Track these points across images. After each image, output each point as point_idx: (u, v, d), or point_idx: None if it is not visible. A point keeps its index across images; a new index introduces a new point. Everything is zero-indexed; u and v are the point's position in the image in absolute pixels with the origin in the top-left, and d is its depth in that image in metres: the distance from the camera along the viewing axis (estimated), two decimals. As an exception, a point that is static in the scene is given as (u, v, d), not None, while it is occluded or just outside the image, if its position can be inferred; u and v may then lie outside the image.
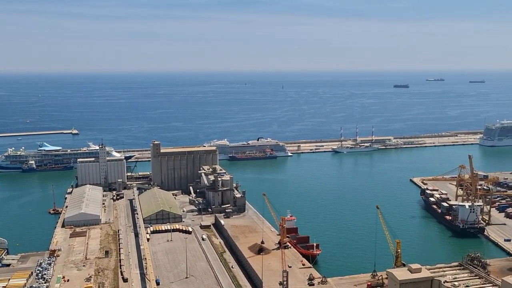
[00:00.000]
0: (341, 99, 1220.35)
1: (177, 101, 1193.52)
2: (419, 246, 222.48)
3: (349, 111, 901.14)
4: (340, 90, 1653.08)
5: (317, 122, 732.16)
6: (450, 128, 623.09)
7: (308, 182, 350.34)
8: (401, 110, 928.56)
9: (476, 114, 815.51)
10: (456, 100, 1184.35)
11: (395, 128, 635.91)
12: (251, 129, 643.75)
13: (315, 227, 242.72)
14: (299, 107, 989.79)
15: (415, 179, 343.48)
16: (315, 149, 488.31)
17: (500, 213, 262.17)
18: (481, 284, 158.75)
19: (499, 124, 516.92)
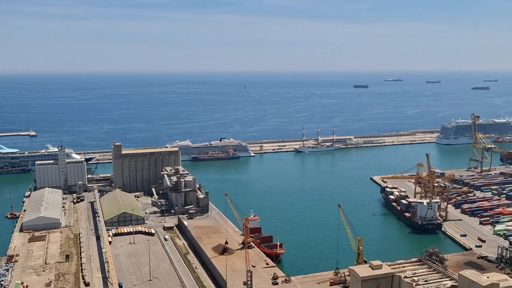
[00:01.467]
0: (303, 99, 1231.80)
1: (138, 101, 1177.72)
2: (380, 243, 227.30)
3: (311, 111, 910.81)
4: (301, 90, 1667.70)
5: (279, 122, 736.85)
6: (408, 127, 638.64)
7: (271, 182, 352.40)
8: (361, 109, 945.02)
9: (433, 114, 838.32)
10: (414, 99, 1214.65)
11: (356, 128, 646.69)
12: (213, 129, 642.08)
13: (278, 227, 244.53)
14: (262, 108, 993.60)
15: (375, 177, 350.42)
16: (278, 149, 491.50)
17: (456, 209, 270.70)
18: (439, 278, 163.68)
19: (454, 123, 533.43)
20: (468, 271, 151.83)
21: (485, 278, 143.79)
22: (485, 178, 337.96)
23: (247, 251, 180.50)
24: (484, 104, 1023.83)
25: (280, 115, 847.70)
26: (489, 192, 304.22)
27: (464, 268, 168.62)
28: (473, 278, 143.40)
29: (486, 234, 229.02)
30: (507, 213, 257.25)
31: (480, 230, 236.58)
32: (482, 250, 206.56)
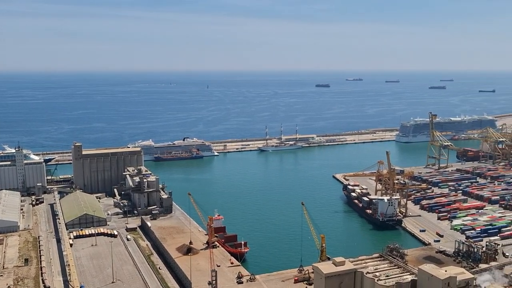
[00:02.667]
0: (266, 99, 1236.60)
1: (99, 101, 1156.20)
2: (343, 240, 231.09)
3: (274, 110, 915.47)
4: (264, 89, 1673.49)
5: (242, 121, 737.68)
6: (369, 126, 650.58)
7: (235, 181, 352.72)
8: (323, 108, 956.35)
9: (393, 112, 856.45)
10: (374, 99, 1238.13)
11: (318, 127, 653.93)
12: (176, 129, 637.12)
13: (242, 226, 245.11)
14: (225, 107, 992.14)
15: (337, 175, 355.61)
16: (241, 148, 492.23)
17: (416, 205, 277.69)
18: (399, 273, 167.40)
19: (413, 122, 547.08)
20: (427, 265, 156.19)
21: (443, 271, 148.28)
22: (443, 175, 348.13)
23: (212, 250, 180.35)
24: (441, 103, 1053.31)
25: (243, 114, 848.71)
26: (446, 188, 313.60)
27: (424, 263, 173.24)
28: (432, 272, 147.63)
29: (443, 229, 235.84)
30: (463, 209, 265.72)
31: (438, 225, 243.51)
32: (440, 245, 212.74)
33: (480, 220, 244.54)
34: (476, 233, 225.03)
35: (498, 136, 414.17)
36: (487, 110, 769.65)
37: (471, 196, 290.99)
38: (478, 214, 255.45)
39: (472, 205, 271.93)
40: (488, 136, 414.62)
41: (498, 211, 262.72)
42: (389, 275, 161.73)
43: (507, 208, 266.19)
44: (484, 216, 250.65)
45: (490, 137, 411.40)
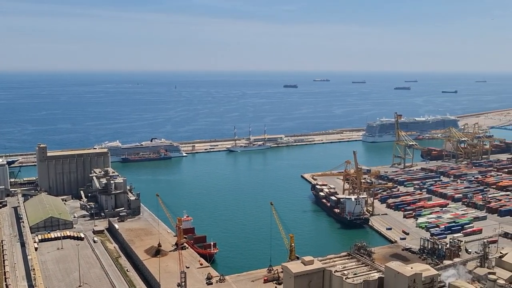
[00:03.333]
0: (234, 99, 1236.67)
1: (64, 101, 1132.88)
2: (311, 239, 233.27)
3: (242, 111, 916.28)
4: (233, 90, 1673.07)
5: (211, 122, 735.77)
6: (336, 126, 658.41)
7: (203, 182, 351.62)
8: (291, 109, 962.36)
9: (359, 113, 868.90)
10: (341, 99, 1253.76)
11: (286, 127, 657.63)
12: (144, 130, 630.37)
13: (212, 226, 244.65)
14: (193, 107, 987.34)
15: (305, 175, 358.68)
16: (210, 148, 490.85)
17: (382, 204, 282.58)
18: (367, 271, 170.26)
19: (379, 122, 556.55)
20: (394, 263, 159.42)
21: (409, 268, 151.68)
22: (408, 174, 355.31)
23: (181, 252, 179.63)
24: (406, 103, 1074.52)
25: (212, 114, 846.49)
26: (412, 187, 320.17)
27: (390, 260, 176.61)
28: (398, 269, 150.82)
29: (409, 227, 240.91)
30: (428, 207, 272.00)
31: (404, 223, 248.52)
32: (406, 242, 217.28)
33: (444, 217, 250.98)
34: (440, 230, 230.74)
35: (460, 136, 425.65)
36: (450, 110, 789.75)
37: (435, 194, 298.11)
38: (442, 212, 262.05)
39: (436, 203, 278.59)
40: (451, 136, 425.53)
41: (461, 208, 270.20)
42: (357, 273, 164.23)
43: (469, 206, 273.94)
44: (448, 214, 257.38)
45: (453, 136, 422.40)
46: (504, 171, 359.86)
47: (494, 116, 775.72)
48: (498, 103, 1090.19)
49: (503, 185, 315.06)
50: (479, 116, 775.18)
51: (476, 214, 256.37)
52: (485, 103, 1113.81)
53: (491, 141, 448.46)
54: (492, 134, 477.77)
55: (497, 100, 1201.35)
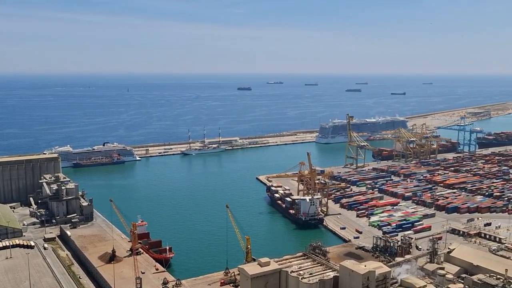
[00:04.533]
0: (188, 102, 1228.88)
1: (11, 105, 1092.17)
2: (267, 240, 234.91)
3: (196, 114, 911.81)
4: (186, 92, 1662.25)
5: (165, 125, 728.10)
6: (290, 128, 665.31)
7: (158, 186, 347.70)
8: (245, 111, 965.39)
9: (312, 114, 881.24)
10: (294, 101, 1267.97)
11: (241, 129, 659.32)
12: (96, 134, 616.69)
13: (167, 231, 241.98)
14: (146, 110, 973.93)
15: (261, 177, 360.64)
16: (164, 152, 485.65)
17: (336, 204, 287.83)
18: (322, 270, 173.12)
19: (331, 123, 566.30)
20: (348, 261, 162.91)
21: (363, 266, 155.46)
22: (360, 174, 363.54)
23: (136, 257, 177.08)
24: (357, 105, 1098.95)
25: (165, 118, 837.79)
26: (364, 186, 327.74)
27: (345, 259, 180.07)
28: (353, 267, 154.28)
29: (362, 226, 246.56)
30: (379, 206, 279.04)
31: (357, 222, 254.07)
32: (360, 241, 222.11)
33: (395, 216, 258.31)
34: (392, 228, 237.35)
35: (409, 136, 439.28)
36: (399, 111, 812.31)
37: (387, 194, 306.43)
38: (393, 210, 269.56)
39: (387, 202, 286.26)
40: (400, 136, 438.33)
41: (411, 206, 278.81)
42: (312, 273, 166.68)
43: (418, 204, 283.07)
44: (399, 212, 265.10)
45: (402, 137, 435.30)
46: (450, 170, 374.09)
47: (440, 117, 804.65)
48: (444, 104, 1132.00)
49: (449, 183, 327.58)
50: (427, 117, 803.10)
51: (425, 212, 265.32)
52: (432, 104, 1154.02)
53: (438, 141, 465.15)
54: (439, 134, 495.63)
55: (443, 102, 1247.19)
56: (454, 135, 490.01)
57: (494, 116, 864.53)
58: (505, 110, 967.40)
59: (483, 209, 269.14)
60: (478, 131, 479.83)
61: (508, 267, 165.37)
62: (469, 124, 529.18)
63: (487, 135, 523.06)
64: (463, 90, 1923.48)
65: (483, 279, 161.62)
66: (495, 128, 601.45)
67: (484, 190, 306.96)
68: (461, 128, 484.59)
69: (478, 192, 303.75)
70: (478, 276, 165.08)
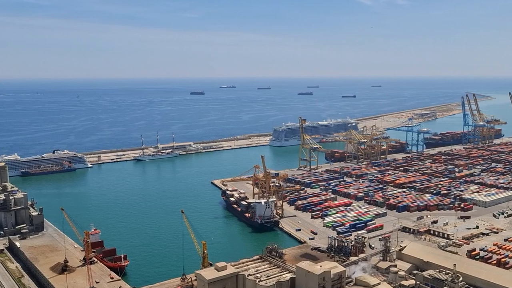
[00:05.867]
0: (140, 107, 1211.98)
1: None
2: (224, 245, 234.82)
3: (149, 119, 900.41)
4: (138, 98, 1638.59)
5: (117, 131, 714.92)
6: (244, 132, 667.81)
7: (111, 193, 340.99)
8: (199, 116, 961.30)
9: (266, 118, 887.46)
10: (248, 105, 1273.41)
11: (195, 134, 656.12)
12: (45, 141, 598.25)
13: (122, 238, 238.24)
14: (97, 116, 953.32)
15: (215, 181, 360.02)
16: (117, 158, 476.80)
17: (291, 206, 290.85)
18: (279, 272, 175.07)
19: (285, 126, 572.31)
20: (304, 263, 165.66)
21: (319, 267, 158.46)
22: (314, 176, 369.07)
23: (89, 267, 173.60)
24: (309, 108, 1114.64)
25: (117, 123, 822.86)
26: (318, 188, 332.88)
27: (301, 260, 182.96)
28: (308, 268, 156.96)
29: (317, 227, 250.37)
30: (333, 206, 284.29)
31: (312, 223, 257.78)
32: (315, 242, 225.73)
33: (349, 216, 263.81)
34: (346, 228, 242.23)
35: (360, 138, 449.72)
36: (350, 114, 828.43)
37: (340, 194, 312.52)
38: (346, 211, 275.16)
39: (341, 203, 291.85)
40: (351, 138, 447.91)
41: (363, 206, 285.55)
42: (269, 275, 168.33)
43: (371, 204, 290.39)
44: (352, 212, 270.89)
45: (354, 138, 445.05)
46: (400, 170, 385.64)
47: (389, 118, 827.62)
48: (392, 106, 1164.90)
49: (399, 182, 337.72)
50: (376, 118, 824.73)
51: (377, 211, 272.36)
52: (381, 106, 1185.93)
53: (388, 142, 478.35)
54: (388, 135, 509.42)
55: (391, 104, 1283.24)
56: (403, 136, 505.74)
57: (440, 117, 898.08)
58: (449, 111, 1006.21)
59: (431, 207, 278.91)
60: (425, 131, 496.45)
61: (456, 262, 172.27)
62: (416, 125, 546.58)
63: (434, 135, 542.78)
64: (409, 92, 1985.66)
65: (433, 274, 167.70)
66: (441, 129, 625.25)
67: (432, 189, 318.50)
68: (409, 129, 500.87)
69: (427, 191, 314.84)
70: (428, 272, 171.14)
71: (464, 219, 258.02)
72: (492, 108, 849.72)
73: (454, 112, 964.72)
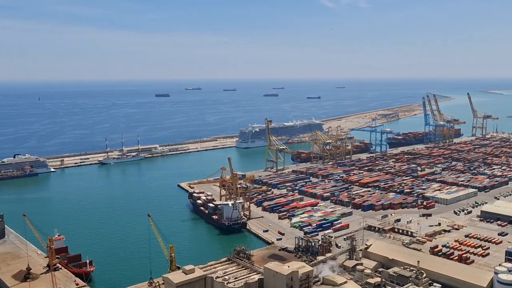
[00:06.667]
0: (104, 110, 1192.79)
1: None
2: (192, 248, 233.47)
3: (113, 121, 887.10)
4: (101, 100, 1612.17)
5: (80, 134, 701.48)
6: (210, 133, 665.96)
7: (75, 198, 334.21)
8: (164, 118, 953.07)
9: (232, 119, 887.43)
10: (213, 107, 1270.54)
11: (160, 136, 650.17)
12: (5, 145, 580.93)
13: (87, 244, 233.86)
14: (59, 120, 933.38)
15: (182, 184, 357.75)
16: (80, 162, 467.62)
17: (258, 207, 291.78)
18: (247, 274, 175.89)
19: (251, 128, 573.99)
20: (272, 263, 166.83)
21: (286, 267, 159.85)
22: (280, 177, 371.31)
23: (54, 273, 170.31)
24: (275, 109, 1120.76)
25: (80, 126, 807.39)
26: (284, 189, 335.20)
27: (268, 261, 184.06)
28: (276, 269, 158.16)
29: (284, 228, 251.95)
30: (300, 207, 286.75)
31: (279, 224, 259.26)
32: (282, 242, 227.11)
33: (315, 216, 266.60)
34: (313, 228, 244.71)
35: (325, 138, 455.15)
36: (315, 115, 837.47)
37: (306, 195, 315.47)
38: (313, 211, 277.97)
39: (307, 203, 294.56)
40: (317, 139, 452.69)
41: (329, 206, 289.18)
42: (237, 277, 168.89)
43: (336, 203, 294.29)
44: (318, 212, 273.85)
45: (319, 139, 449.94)
46: (364, 169, 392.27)
47: (353, 119, 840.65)
48: (356, 107, 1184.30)
49: (364, 182, 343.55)
50: (341, 119, 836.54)
51: (343, 211, 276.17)
52: (345, 107, 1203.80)
53: (352, 142, 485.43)
54: (353, 135, 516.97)
55: (355, 104, 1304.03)
56: (367, 136, 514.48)
57: (402, 117, 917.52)
58: (411, 111, 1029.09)
59: (395, 205, 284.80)
60: (388, 131, 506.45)
61: (420, 259, 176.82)
62: (379, 125, 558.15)
63: (396, 135, 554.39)
64: (372, 93, 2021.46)
65: (398, 271, 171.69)
66: (403, 129, 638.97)
67: (396, 188, 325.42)
68: (373, 129, 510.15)
69: (391, 190, 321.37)
70: (393, 269, 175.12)
71: (426, 216, 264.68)
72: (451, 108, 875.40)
73: (415, 112, 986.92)
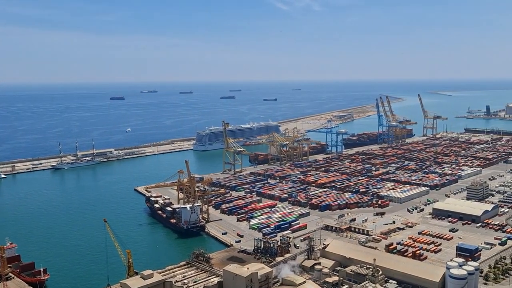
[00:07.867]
0: (57, 113, 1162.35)
1: None
2: (150, 252, 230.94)
3: (67, 126, 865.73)
4: (54, 104, 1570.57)
5: (32, 139, 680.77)
6: (167, 137, 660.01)
7: (28, 205, 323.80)
8: (119, 121, 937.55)
9: (189, 122, 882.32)
10: (170, 110, 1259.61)
11: (116, 140, 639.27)
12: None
13: (40, 252, 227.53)
14: (10, 124, 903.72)
15: (139, 188, 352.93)
16: (33, 167, 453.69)
17: (217, 210, 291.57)
18: (207, 277, 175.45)
19: (208, 130, 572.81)
20: (231, 266, 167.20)
21: (246, 269, 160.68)
22: (238, 179, 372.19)
23: (5, 283, 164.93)
24: (232, 112, 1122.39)
25: (32, 131, 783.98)
26: (243, 191, 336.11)
27: (228, 264, 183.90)
28: (236, 271, 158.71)
29: (243, 230, 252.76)
30: (258, 208, 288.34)
31: (238, 226, 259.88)
32: (241, 245, 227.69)
33: (274, 217, 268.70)
34: (271, 229, 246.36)
35: (282, 140, 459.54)
36: (272, 116, 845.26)
37: (264, 196, 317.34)
38: (271, 212, 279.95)
39: (265, 205, 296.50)
40: (274, 141, 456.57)
41: (287, 207, 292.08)
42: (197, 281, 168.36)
43: (294, 204, 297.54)
44: (277, 214, 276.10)
45: (276, 141, 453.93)
46: (321, 170, 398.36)
47: (309, 121, 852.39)
48: (312, 109, 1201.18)
49: (321, 182, 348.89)
50: (297, 121, 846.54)
51: (301, 211, 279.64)
52: (301, 109, 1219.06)
53: (309, 143, 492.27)
54: (309, 137, 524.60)
55: (311, 106, 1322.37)
56: (323, 137, 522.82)
57: (356, 119, 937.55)
58: (365, 113, 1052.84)
59: (351, 205, 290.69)
60: (343, 133, 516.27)
61: (376, 257, 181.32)
62: (335, 126, 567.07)
63: (351, 136, 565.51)
64: (327, 95, 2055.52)
65: (355, 270, 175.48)
66: (358, 130, 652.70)
67: (352, 187, 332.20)
68: (328, 131, 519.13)
69: (347, 190, 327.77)
70: (350, 268, 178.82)
71: (380, 215, 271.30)
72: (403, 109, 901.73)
73: (369, 113, 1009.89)
